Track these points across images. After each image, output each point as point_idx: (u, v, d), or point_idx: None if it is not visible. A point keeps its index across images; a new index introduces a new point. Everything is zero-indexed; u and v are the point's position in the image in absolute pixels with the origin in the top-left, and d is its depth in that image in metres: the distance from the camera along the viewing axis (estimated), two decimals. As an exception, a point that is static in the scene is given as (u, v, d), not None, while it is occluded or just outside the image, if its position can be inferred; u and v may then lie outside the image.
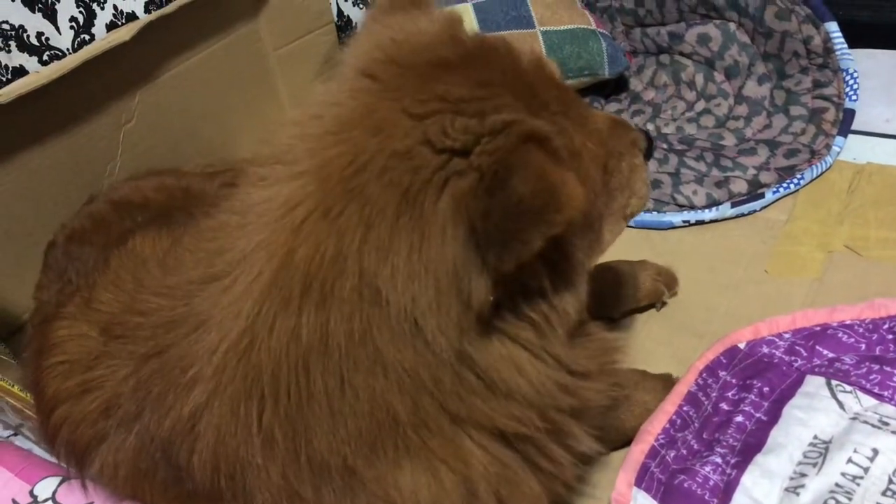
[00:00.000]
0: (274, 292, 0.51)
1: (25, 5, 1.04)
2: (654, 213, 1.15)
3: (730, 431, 0.77)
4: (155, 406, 0.58)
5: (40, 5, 1.07)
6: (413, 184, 0.48)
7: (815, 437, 0.74)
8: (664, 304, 0.99)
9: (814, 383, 0.79)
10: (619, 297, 0.95)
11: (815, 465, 0.71)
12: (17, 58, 1.06)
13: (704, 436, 0.79)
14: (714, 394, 0.83)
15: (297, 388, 0.51)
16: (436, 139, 0.49)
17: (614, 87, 1.47)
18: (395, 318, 0.49)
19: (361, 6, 1.65)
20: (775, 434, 0.75)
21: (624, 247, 1.09)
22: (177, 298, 0.58)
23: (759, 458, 0.73)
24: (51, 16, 1.09)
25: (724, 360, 0.86)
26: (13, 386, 0.76)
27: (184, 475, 0.57)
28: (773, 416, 0.77)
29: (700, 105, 1.37)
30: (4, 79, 1.05)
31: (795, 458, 0.72)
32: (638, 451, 0.78)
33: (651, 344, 0.95)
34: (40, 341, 0.70)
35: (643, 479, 0.76)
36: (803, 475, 0.70)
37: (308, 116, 0.55)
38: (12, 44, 1.04)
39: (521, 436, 0.57)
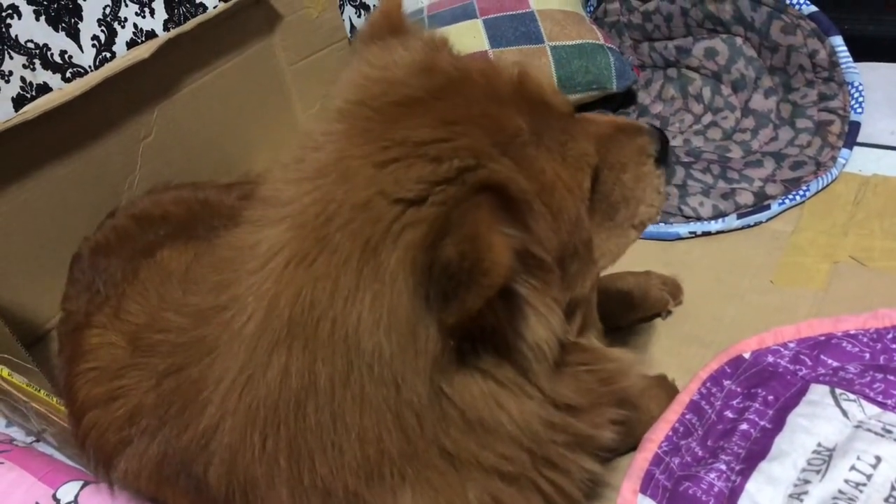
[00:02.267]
0: (265, 334, 0.53)
1: (49, 24, 1.08)
2: (661, 224, 1.16)
3: (734, 439, 0.78)
4: (174, 420, 0.60)
5: (64, 24, 1.10)
6: (373, 235, 0.50)
7: (819, 445, 0.74)
8: (669, 312, 1.01)
9: (818, 392, 0.80)
10: (624, 308, 0.97)
11: (818, 472, 0.72)
12: (41, 75, 1.09)
13: (709, 443, 0.80)
14: (718, 402, 0.84)
15: (294, 421, 0.53)
16: (391, 189, 0.50)
17: (622, 100, 1.49)
18: (370, 362, 0.51)
19: (374, 22, 1.68)
20: (779, 441, 0.76)
21: (631, 258, 1.09)
22: (193, 320, 0.60)
23: (763, 465, 0.74)
24: (74, 34, 1.12)
25: (729, 370, 0.87)
26: (39, 391, 0.79)
27: (202, 485, 0.59)
28: (778, 423, 0.78)
29: (707, 118, 1.38)
30: (29, 95, 1.08)
31: (799, 465, 0.73)
32: (642, 459, 0.79)
33: (658, 353, 0.96)
34: (72, 348, 0.73)
35: (648, 486, 0.77)
36: (807, 482, 0.71)
37: (292, 159, 0.57)
38: (37, 62, 1.08)
39: (514, 475, 0.57)
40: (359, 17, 1.64)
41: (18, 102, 1.07)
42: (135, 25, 1.21)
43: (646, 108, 1.47)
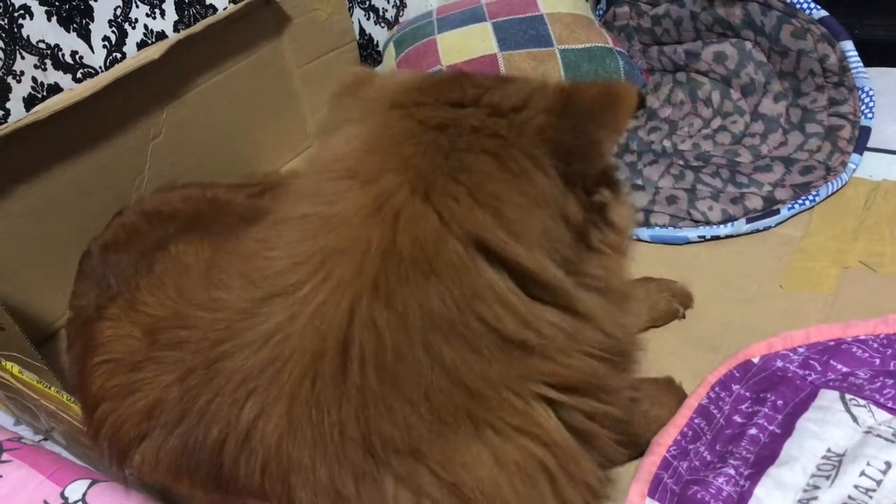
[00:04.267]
0: (374, 287, 0.52)
1: (61, 25, 1.08)
2: (670, 228, 1.16)
3: (743, 444, 0.78)
4: (201, 414, 0.59)
5: (75, 25, 1.10)
6: (498, 145, 0.54)
7: (829, 451, 0.74)
8: (683, 316, 1.01)
9: (827, 397, 0.80)
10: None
11: (828, 477, 0.71)
12: (52, 75, 1.09)
13: (717, 447, 0.80)
14: (727, 407, 0.84)
15: (387, 374, 0.52)
16: (502, 103, 0.56)
17: (631, 104, 1.49)
18: (503, 276, 0.53)
19: (383, 25, 1.69)
20: (789, 447, 0.76)
21: (640, 261, 1.11)
22: (229, 313, 0.59)
23: (772, 470, 0.74)
24: (85, 35, 1.12)
25: (738, 374, 0.87)
26: (49, 387, 0.79)
27: (227, 476, 0.58)
28: (787, 429, 0.78)
29: (716, 122, 1.38)
30: (40, 95, 1.08)
31: (809, 470, 0.73)
32: (650, 463, 0.79)
33: (666, 357, 0.95)
34: (84, 342, 0.72)
35: (656, 490, 0.77)
36: (816, 487, 0.71)
37: (354, 138, 0.58)
38: (48, 62, 1.08)
39: (588, 386, 0.59)
40: (368, 19, 1.64)
41: (30, 102, 1.07)
42: (145, 26, 1.21)
43: (654, 111, 1.46)
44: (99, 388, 0.67)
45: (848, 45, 1.24)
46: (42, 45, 1.07)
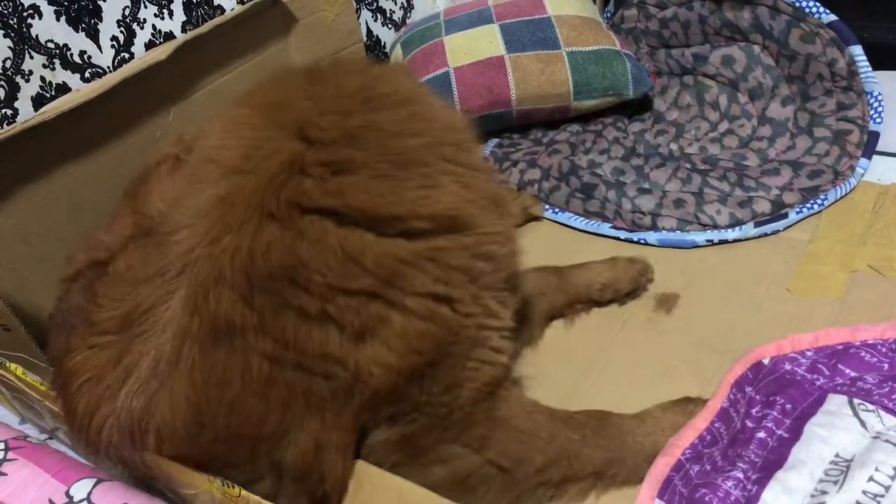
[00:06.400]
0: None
1: (70, 25, 1.08)
2: (678, 231, 1.16)
3: (751, 447, 0.78)
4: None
5: (84, 25, 1.11)
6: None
7: (837, 455, 0.74)
8: (646, 288, 1.08)
9: (836, 402, 0.79)
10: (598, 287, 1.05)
11: (836, 482, 0.71)
12: (60, 75, 1.09)
13: (729, 452, 0.79)
14: (742, 409, 0.84)
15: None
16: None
17: (638, 106, 1.49)
18: None
19: (390, 26, 1.69)
20: (796, 451, 0.75)
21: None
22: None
23: (779, 474, 0.73)
24: (93, 35, 1.13)
25: (751, 376, 0.87)
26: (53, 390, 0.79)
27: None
28: (795, 433, 0.78)
29: (723, 126, 1.38)
30: (48, 95, 1.08)
31: (816, 475, 0.73)
32: (663, 464, 0.78)
33: (672, 360, 0.95)
34: (61, 379, 0.75)
35: (666, 491, 0.76)
36: (824, 493, 0.70)
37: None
38: (56, 62, 1.08)
39: None
40: (375, 20, 1.64)
41: (38, 102, 1.08)
42: (153, 27, 1.22)
43: (661, 114, 1.46)
44: (86, 403, 0.70)
45: (857, 50, 1.24)
46: (51, 45, 1.07)
